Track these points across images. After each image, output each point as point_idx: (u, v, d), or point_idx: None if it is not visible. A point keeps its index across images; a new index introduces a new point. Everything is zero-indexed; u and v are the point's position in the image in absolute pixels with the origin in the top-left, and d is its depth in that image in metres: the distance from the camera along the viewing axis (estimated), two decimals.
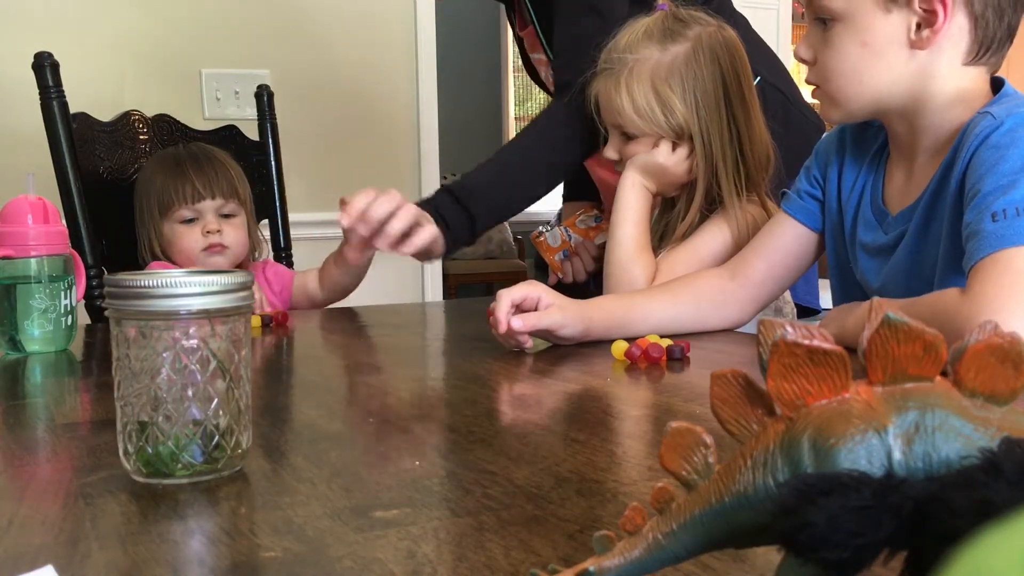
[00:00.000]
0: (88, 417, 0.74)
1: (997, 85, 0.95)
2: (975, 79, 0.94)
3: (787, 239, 1.11)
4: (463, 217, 1.30)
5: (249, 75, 2.31)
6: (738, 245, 1.19)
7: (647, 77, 1.20)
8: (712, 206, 1.25)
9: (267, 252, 1.58)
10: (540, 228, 1.62)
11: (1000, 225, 0.82)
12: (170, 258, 1.44)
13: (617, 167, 1.28)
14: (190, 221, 1.42)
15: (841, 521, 0.26)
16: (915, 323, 0.28)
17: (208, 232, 1.41)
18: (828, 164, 1.09)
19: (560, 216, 1.71)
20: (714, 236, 1.21)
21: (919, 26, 0.91)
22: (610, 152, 1.27)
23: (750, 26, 1.49)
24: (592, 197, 1.63)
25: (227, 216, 1.44)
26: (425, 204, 1.30)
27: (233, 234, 1.44)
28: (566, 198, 1.76)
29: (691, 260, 1.20)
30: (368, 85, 2.53)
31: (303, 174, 2.38)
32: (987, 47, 0.92)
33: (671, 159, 1.22)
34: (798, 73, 1.09)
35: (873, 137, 1.05)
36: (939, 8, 0.89)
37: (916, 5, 0.90)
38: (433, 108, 2.62)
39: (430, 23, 2.59)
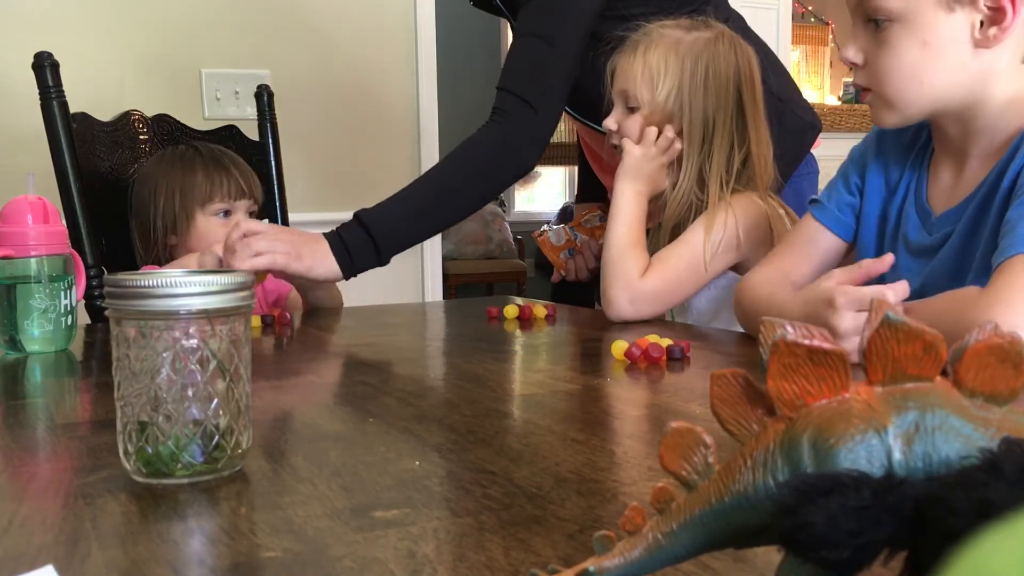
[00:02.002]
0: (88, 417, 0.74)
1: None
2: None
3: (823, 249, 1.09)
4: (370, 248, 1.30)
5: (249, 75, 2.31)
6: (728, 240, 1.20)
7: (665, 48, 1.23)
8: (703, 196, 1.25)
9: None
10: (543, 227, 1.64)
11: None
12: (192, 251, 1.45)
13: (611, 139, 1.29)
14: (224, 215, 1.45)
15: (841, 521, 0.26)
16: (915, 323, 0.28)
17: None
18: (867, 166, 1.07)
19: (560, 214, 1.73)
20: (703, 233, 1.21)
21: (982, 24, 0.89)
22: (609, 122, 1.28)
23: (745, 22, 1.49)
24: (602, 198, 1.64)
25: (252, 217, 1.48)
26: (333, 234, 1.31)
27: None
28: (578, 199, 1.78)
29: (683, 255, 1.20)
30: (368, 85, 2.53)
31: (303, 174, 2.38)
32: None
33: (650, 149, 1.24)
34: (797, 73, 1.09)
35: (913, 136, 1.03)
36: (1007, 4, 0.87)
37: (981, 3, 0.88)
38: (433, 108, 2.62)
39: (430, 23, 2.59)
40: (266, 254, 1.24)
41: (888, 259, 0.87)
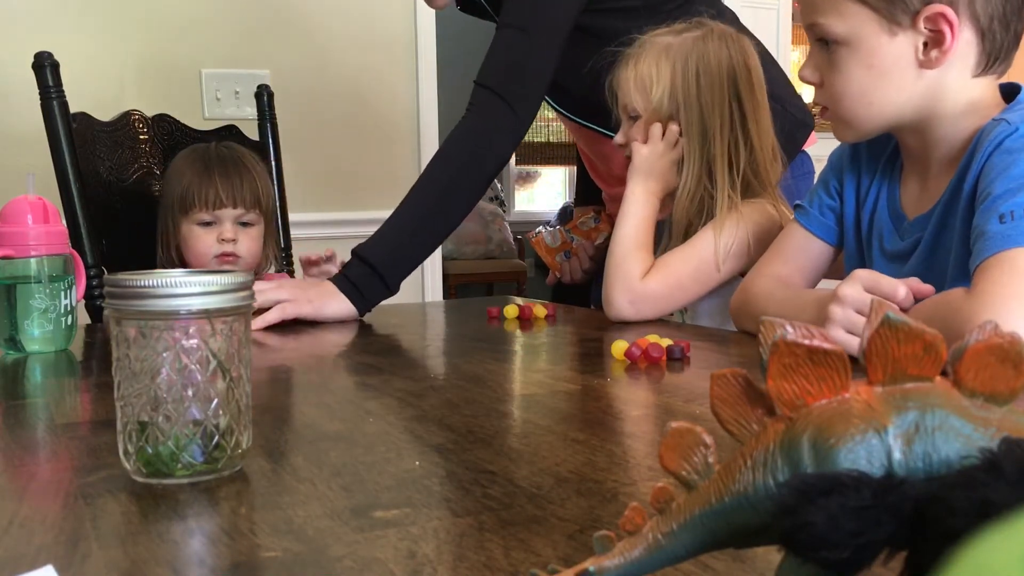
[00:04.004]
0: (88, 417, 0.74)
1: (1015, 91, 0.95)
2: (985, 88, 0.93)
3: (813, 255, 1.11)
4: (375, 280, 1.29)
5: (249, 75, 2.31)
6: (738, 246, 1.19)
7: (654, 54, 1.24)
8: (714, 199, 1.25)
9: (272, 268, 1.58)
10: (538, 229, 1.64)
11: (1007, 226, 0.82)
12: (183, 257, 1.44)
13: (626, 152, 1.29)
14: (208, 224, 1.43)
15: (841, 521, 0.26)
16: (915, 323, 0.28)
17: (223, 240, 1.42)
18: (844, 171, 1.09)
19: (560, 214, 1.74)
20: (712, 238, 1.21)
21: (926, 45, 0.91)
22: (618, 138, 1.29)
23: (738, 20, 1.49)
24: (601, 201, 1.64)
25: (245, 224, 1.45)
26: (337, 275, 1.30)
27: (248, 244, 1.45)
28: (577, 202, 1.78)
29: (688, 259, 1.20)
30: (368, 85, 2.53)
31: (303, 174, 2.38)
32: (995, 58, 0.92)
33: (658, 146, 1.23)
34: (797, 72, 1.09)
35: (884, 143, 1.05)
36: (945, 28, 0.89)
37: (921, 26, 0.90)
38: (433, 108, 2.62)
39: (430, 24, 2.59)
40: (273, 309, 1.22)
41: (929, 289, 0.88)
